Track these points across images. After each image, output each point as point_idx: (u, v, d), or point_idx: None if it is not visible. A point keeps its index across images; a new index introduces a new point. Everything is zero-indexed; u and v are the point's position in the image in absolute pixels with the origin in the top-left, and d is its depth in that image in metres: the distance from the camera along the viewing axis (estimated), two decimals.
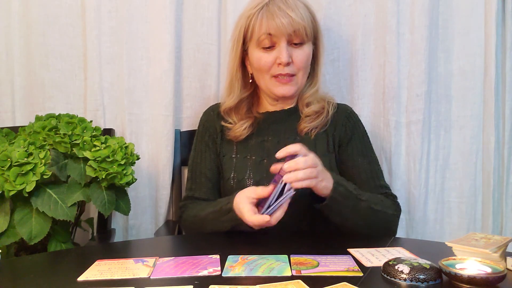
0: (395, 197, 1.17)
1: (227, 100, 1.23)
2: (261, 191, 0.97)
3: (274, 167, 1.01)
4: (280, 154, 0.95)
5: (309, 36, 1.14)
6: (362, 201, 1.03)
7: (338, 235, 1.06)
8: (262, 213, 0.95)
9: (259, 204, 0.98)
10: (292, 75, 1.15)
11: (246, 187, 1.08)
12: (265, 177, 1.13)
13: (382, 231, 1.08)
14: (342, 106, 1.26)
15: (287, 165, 0.93)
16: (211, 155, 1.22)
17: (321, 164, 0.99)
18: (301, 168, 0.93)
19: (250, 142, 1.20)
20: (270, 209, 0.95)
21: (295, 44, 1.13)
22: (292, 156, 0.95)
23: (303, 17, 1.11)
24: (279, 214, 0.95)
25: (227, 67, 1.26)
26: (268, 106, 1.25)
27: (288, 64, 1.12)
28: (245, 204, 0.97)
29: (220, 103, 1.27)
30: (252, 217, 0.95)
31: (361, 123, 1.25)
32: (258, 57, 1.14)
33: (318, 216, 1.12)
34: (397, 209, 1.14)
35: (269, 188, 0.95)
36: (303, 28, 1.11)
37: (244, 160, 1.18)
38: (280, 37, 1.11)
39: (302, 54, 1.14)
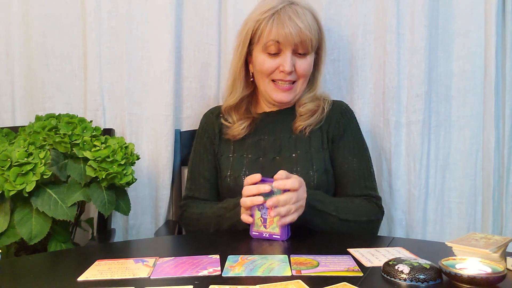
0: (378, 199, 1.18)
1: (229, 98, 1.25)
2: (250, 179, 0.98)
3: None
4: (278, 185, 0.95)
5: (314, 48, 1.18)
6: (331, 216, 1.06)
7: (338, 235, 1.06)
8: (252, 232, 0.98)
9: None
10: (293, 82, 1.18)
11: (242, 184, 1.08)
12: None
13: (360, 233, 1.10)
14: (337, 102, 1.27)
15: (270, 202, 0.94)
16: (209, 156, 1.25)
17: (303, 191, 0.98)
18: (281, 205, 0.94)
19: (247, 141, 1.22)
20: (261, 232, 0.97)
21: (299, 54, 1.16)
22: None
23: (310, 29, 1.13)
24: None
25: (230, 66, 1.28)
26: (265, 107, 1.27)
27: (290, 73, 1.15)
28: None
29: (220, 105, 1.30)
30: None
31: (356, 120, 1.26)
32: (262, 61, 1.17)
33: None
34: (375, 213, 1.15)
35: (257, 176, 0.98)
36: (309, 40, 1.14)
37: (240, 158, 1.20)
38: (287, 46, 1.13)
39: (305, 64, 1.17)
